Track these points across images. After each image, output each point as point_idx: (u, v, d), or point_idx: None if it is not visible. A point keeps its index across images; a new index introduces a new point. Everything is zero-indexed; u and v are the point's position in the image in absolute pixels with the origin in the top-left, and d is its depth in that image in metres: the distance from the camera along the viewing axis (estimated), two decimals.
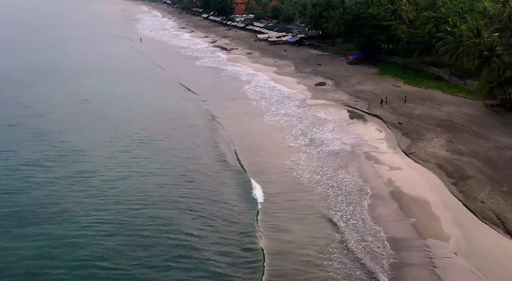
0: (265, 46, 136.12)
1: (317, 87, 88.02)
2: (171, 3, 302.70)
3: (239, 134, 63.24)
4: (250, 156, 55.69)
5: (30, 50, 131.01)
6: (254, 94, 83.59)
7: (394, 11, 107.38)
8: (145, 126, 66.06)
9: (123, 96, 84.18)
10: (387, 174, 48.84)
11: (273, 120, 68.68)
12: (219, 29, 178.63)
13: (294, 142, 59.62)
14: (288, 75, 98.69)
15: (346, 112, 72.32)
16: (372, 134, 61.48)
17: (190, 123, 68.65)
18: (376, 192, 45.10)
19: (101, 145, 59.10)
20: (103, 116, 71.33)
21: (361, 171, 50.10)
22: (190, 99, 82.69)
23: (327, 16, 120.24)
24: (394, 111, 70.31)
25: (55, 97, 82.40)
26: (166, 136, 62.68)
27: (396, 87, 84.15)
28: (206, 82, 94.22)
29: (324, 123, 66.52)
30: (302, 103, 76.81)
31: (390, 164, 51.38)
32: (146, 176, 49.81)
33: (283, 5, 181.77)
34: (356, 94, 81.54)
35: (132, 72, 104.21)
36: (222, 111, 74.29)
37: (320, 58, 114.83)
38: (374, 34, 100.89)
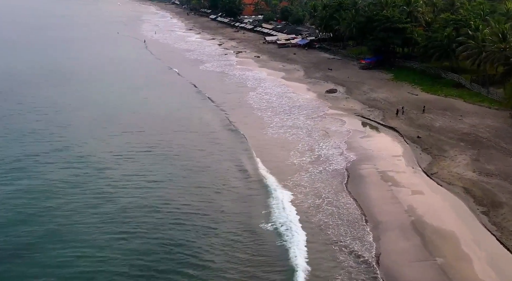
0: (273, 49, 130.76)
1: (327, 95, 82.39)
2: (179, 3, 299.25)
3: (236, 151, 56.93)
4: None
5: (34, 52, 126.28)
6: (259, 102, 77.78)
7: (409, 13, 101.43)
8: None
9: (131, 102, 79.46)
10: (407, 199, 43.11)
11: (278, 133, 62.52)
12: (227, 31, 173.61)
13: (299, 158, 53.76)
14: (297, 81, 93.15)
15: (359, 123, 66.50)
16: (388, 150, 55.70)
17: (184, 136, 62.86)
18: (394, 222, 39.40)
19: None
20: (120, 124, 66.96)
21: (377, 195, 44.45)
22: (187, 106, 77.30)
23: (339, 18, 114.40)
24: (412, 123, 64.49)
25: (64, 101, 77.98)
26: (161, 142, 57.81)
27: (412, 95, 78.29)
28: (208, 87, 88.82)
29: (334, 136, 60.73)
30: (311, 113, 71.12)
31: (410, 187, 45.61)
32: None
33: (292, 6, 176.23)
34: (370, 102, 75.83)
35: (136, 75, 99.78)
36: (220, 122, 68.32)
37: (331, 62, 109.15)
38: (389, 37, 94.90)
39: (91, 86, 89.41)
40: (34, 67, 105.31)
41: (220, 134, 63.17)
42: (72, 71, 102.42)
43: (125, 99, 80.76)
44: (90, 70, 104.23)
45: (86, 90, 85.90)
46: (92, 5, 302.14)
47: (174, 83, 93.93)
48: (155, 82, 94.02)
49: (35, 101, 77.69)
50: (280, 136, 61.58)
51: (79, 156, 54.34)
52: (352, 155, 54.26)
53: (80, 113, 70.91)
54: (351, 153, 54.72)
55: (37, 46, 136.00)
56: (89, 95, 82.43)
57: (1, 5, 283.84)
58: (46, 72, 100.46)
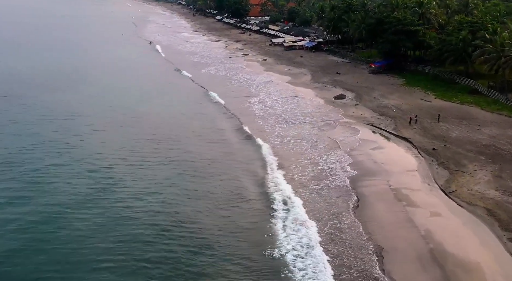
0: (279, 51, 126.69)
1: (336, 101, 78.22)
2: (185, 4, 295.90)
3: (234, 166, 52.24)
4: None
5: (41, 54, 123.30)
6: (261, 109, 73.73)
7: (422, 14, 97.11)
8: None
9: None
10: (424, 222, 38.88)
11: (280, 144, 58.05)
12: (233, 33, 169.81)
13: (300, 173, 49.53)
14: (304, 86, 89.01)
15: (370, 133, 62.16)
16: (401, 164, 51.44)
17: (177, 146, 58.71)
18: (410, 251, 35.19)
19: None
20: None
21: (390, 217, 40.28)
22: (183, 113, 73.37)
23: (347, 20, 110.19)
24: (426, 133, 60.17)
25: (73, 106, 74.97)
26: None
27: (426, 102, 73.95)
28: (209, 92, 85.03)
29: (342, 148, 56.48)
30: (317, 121, 66.96)
31: (427, 207, 41.41)
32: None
33: (300, 7, 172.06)
34: (380, 109, 71.58)
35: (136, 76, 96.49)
36: (215, 133, 63.83)
37: (339, 65, 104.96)
38: (400, 40, 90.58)
39: (97, 89, 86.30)
40: (41, 70, 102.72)
41: (210, 146, 58.69)
42: (77, 73, 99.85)
43: (131, 102, 77.99)
44: (96, 73, 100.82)
45: (92, 93, 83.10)
46: (98, 6, 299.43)
47: (176, 89, 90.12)
48: (155, 85, 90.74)
49: (42, 106, 74.79)
50: (282, 147, 57.37)
51: (90, 166, 51.03)
52: (361, 169, 50.06)
53: (89, 120, 67.92)
54: (360, 167, 50.52)
55: (44, 48, 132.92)
56: (95, 99, 79.83)
57: (9, 6, 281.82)
58: (52, 75, 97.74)
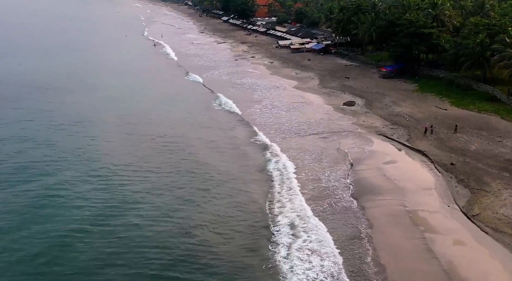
0: (286, 54, 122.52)
1: (345, 108, 73.92)
2: (192, 4, 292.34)
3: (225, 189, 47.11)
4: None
5: (48, 56, 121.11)
6: (263, 117, 69.58)
7: (435, 16, 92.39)
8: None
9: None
10: (445, 253, 34.60)
11: (275, 170, 51.67)
12: (239, 34, 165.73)
13: (299, 191, 45.61)
14: (311, 91, 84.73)
15: (381, 145, 57.57)
16: (417, 180, 47.05)
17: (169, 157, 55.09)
18: None
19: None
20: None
21: (407, 245, 36.03)
22: (177, 123, 69.36)
23: (357, 22, 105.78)
24: (443, 145, 55.76)
25: (84, 111, 72.93)
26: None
27: (441, 110, 69.48)
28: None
29: (350, 161, 52.29)
30: (323, 131, 62.58)
31: (448, 234, 37.12)
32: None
33: (308, 7, 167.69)
34: (392, 118, 67.24)
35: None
36: (208, 145, 59.63)
37: (348, 69, 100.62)
38: (413, 43, 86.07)
39: (105, 94, 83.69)
40: (47, 73, 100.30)
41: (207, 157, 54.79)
42: (80, 77, 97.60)
43: (134, 106, 75.99)
44: (101, 77, 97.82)
45: (99, 98, 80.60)
46: (104, 6, 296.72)
47: (176, 95, 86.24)
48: (156, 90, 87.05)
49: (50, 110, 72.77)
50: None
51: (102, 172, 49.90)
52: (372, 186, 45.85)
53: (98, 127, 65.63)
54: (370, 184, 46.31)
55: (50, 51, 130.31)
56: (103, 104, 77.37)
57: (15, 7, 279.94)
58: (59, 79, 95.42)
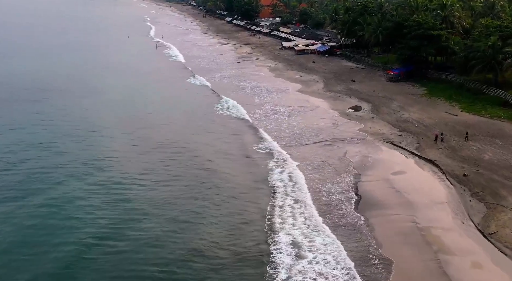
0: (290, 56, 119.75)
1: (350, 113, 71.15)
2: (195, 5, 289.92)
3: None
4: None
5: (50, 58, 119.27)
6: (264, 124, 66.76)
7: (444, 18, 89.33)
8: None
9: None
10: (462, 278, 31.80)
11: (278, 181, 48.59)
12: (242, 35, 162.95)
13: (297, 210, 42.54)
14: (316, 95, 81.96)
15: (389, 153, 54.70)
16: (428, 193, 44.25)
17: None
18: None
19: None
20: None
21: (419, 267, 33.26)
22: (180, 127, 66.92)
23: (363, 23, 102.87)
24: (454, 154, 52.91)
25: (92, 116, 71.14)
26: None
27: (451, 116, 66.62)
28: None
29: (356, 173, 49.44)
30: (328, 138, 59.72)
31: (463, 255, 34.32)
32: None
33: (312, 8, 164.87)
34: (400, 124, 64.40)
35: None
36: (210, 153, 56.71)
37: (354, 72, 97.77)
38: (421, 45, 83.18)
39: (109, 97, 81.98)
40: (49, 75, 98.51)
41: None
42: (79, 78, 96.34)
43: (137, 108, 75.24)
44: (104, 79, 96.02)
45: (104, 102, 79.07)
46: (108, 6, 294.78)
47: (174, 98, 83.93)
48: (152, 93, 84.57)
49: (57, 115, 70.85)
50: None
51: (108, 182, 48.18)
52: (380, 200, 43.11)
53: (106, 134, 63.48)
54: (378, 198, 43.56)
55: (50, 51, 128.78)
56: (109, 108, 75.68)
57: (18, 7, 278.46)
58: (60, 81, 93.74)
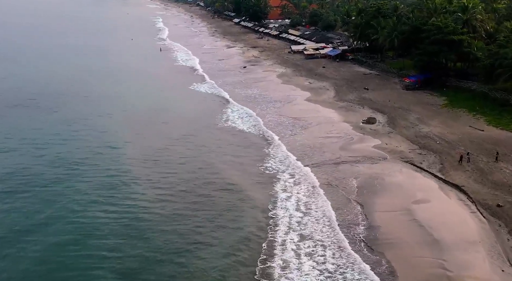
0: (299, 60, 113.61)
1: (364, 126, 64.81)
2: (203, 5, 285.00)
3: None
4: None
5: (58, 61, 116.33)
6: (262, 140, 60.83)
7: (466, 21, 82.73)
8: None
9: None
10: None
11: (279, 215, 42.39)
12: (250, 37, 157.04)
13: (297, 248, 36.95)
14: (325, 105, 75.69)
15: (409, 176, 48.32)
16: (457, 230, 37.89)
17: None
18: None
19: None
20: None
21: None
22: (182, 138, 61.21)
23: (377, 26, 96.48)
24: (484, 179, 46.47)
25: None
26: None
27: (476, 130, 60.08)
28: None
29: (371, 198, 43.39)
30: (336, 158, 53.43)
31: None
32: None
33: (323, 9, 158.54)
34: (420, 140, 57.99)
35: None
36: (213, 167, 51.74)
37: (367, 79, 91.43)
38: (441, 51, 76.69)
39: (117, 101, 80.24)
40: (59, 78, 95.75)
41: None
42: (78, 82, 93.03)
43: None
44: (107, 82, 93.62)
45: (112, 106, 77.07)
46: (114, 7, 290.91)
47: (181, 101, 78.38)
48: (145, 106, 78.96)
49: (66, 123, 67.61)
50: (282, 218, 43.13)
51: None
52: (400, 238, 36.87)
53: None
54: (398, 235, 37.34)
55: (59, 55, 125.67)
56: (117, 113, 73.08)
57: (19, 7, 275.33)
58: (53, 86, 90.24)
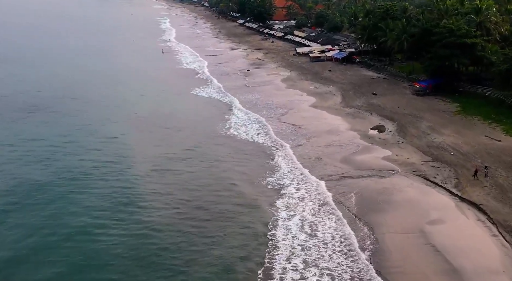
0: (305, 63, 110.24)
1: (373, 135, 61.24)
2: (208, 6, 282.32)
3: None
4: None
5: (59, 64, 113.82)
6: (263, 150, 57.32)
7: (479, 23, 79.00)
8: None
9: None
10: None
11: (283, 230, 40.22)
12: (254, 39, 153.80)
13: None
14: (332, 111, 72.19)
15: (421, 192, 44.88)
16: (478, 256, 34.21)
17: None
18: None
19: None
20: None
21: None
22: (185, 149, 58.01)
23: (385, 29, 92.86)
24: (505, 196, 42.75)
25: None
26: None
27: (493, 141, 56.29)
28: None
29: (379, 218, 39.94)
30: (343, 172, 50.15)
31: None
32: None
33: (329, 10, 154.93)
34: (433, 151, 54.37)
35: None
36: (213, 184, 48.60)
37: (375, 83, 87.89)
38: (453, 55, 73.02)
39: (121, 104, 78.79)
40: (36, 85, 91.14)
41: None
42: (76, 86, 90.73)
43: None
44: (109, 85, 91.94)
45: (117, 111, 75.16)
46: (119, 7, 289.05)
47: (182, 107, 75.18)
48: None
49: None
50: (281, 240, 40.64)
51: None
52: (414, 267, 33.31)
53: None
54: (412, 263, 33.79)
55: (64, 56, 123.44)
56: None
57: (19, 7, 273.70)
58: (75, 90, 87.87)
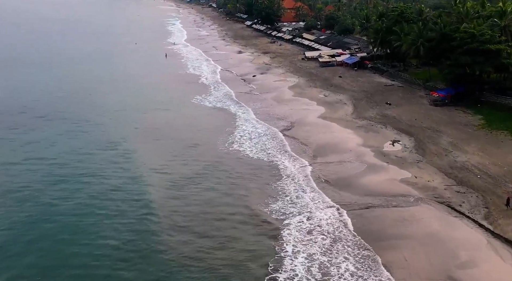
0: (314, 68, 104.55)
1: (388, 152, 55.32)
2: (216, 7, 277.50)
3: None
4: None
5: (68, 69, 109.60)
6: (265, 170, 51.78)
7: (504, 28, 72.82)
8: None
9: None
10: None
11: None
12: (261, 42, 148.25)
13: None
14: (342, 123, 66.41)
15: (447, 225, 39.02)
16: None
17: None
18: None
19: None
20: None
21: None
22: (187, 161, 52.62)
23: (400, 32, 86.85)
24: None
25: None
26: None
27: None
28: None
29: (395, 259, 34.24)
30: (354, 202, 44.57)
31: None
32: None
33: (340, 12, 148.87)
34: (456, 173, 48.43)
35: None
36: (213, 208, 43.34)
37: (389, 91, 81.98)
38: (475, 63, 66.98)
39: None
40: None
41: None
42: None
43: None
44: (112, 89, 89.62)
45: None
46: (125, 8, 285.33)
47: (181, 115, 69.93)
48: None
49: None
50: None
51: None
52: None
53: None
54: None
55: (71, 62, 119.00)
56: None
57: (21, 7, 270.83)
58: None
